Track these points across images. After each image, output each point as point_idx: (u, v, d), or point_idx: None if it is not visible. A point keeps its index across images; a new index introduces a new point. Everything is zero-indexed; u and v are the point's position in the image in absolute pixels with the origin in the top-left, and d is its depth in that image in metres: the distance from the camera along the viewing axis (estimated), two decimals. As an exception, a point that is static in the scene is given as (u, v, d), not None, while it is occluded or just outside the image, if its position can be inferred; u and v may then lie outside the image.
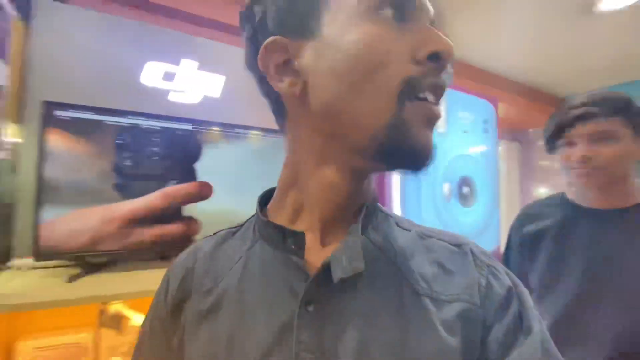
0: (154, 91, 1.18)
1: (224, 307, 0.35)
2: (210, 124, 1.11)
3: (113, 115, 0.95)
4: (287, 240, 0.35)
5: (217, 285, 0.37)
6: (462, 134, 1.25)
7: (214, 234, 0.44)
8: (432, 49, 0.29)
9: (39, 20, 1.03)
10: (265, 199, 0.42)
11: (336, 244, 0.34)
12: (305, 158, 0.36)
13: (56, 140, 0.87)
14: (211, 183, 1.06)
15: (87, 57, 1.08)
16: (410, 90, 0.29)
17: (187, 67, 1.26)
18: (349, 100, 0.30)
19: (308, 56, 0.33)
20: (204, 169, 1.07)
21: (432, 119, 0.31)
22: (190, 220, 1.02)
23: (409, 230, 0.37)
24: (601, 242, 0.73)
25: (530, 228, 0.87)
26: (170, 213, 0.97)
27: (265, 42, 0.34)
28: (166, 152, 1.01)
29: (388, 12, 0.31)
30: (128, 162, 0.95)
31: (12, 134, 0.97)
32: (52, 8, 1.06)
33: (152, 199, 0.93)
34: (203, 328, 0.35)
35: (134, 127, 0.97)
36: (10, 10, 0.94)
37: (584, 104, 0.73)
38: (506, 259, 0.93)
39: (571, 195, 0.85)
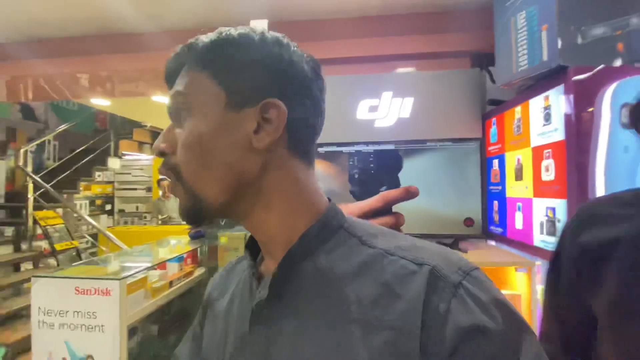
0: (365, 122, 1.63)
1: (218, 317, 0.43)
2: (407, 142, 1.45)
3: (345, 146, 1.44)
4: (252, 265, 0.40)
5: (222, 297, 0.44)
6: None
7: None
8: None
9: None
10: None
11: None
12: None
13: (318, 165, 1.44)
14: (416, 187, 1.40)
15: (330, 111, 1.65)
16: None
17: (386, 97, 1.65)
18: None
19: None
20: (404, 176, 1.42)
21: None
22: (398, 214, 1.40)
23: (373, 248, 0.34)
24: None
25: (596, 235, 0.61)
26: (385, 210, 1.38)
27: None
28: (379, 166, 1.43)
29: None
30: (356, 176, 1.43)
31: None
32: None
33: (374, 201, 1.36)
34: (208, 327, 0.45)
35: (358, 152, 1.44)
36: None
37: None
38: (553, 277, 0.64)
39: None
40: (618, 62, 1.08)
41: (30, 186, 3.41)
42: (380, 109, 1.64)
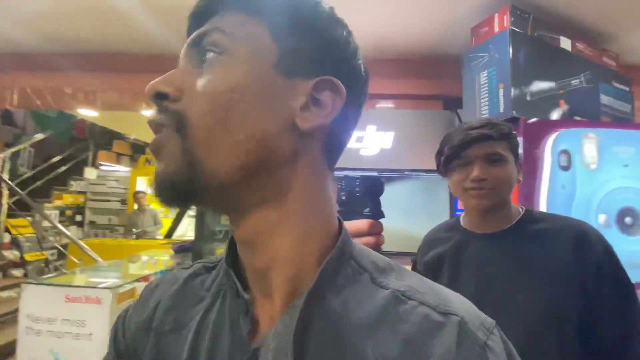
0: (353, 150, 1.83)
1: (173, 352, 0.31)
2: (388, 170, 1.64)
3: (335, 171, 1.61)
4: (239, 298, 0.30)
5: (181, 330, 0.32)
6: (622, 167, 1.30)
7: (190, 266, 0.38)
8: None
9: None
10: None
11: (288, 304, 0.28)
12: None
13: (309, 187, 1.60)
14: (382, 222, 1.58)
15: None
16: None
17: (370, 130, 1.86)
18: None
19: None
20: (385, 200, 1.60)
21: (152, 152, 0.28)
22: (379, 235, 1.57)
23: (386, 289, 0.29)
24: (487, 264, 0.77)
25: (431, 254, 0.88)
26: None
27: None
28: (363, 190, 1.61)
29: None
30: (343, 198, 1.59)
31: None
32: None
33: (362, 224, 1.52)
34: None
35: (346, 176, 1.61)
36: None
37: (481, 126, 0.76)
38: None
39: (462, 218, 0.88)
40: (559, 116, 1.35)
41: (6, 193, 3.31)
42: (365, 139, 1.84)
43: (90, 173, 5.67)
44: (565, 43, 1.39)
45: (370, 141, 1.85)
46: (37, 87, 2.17)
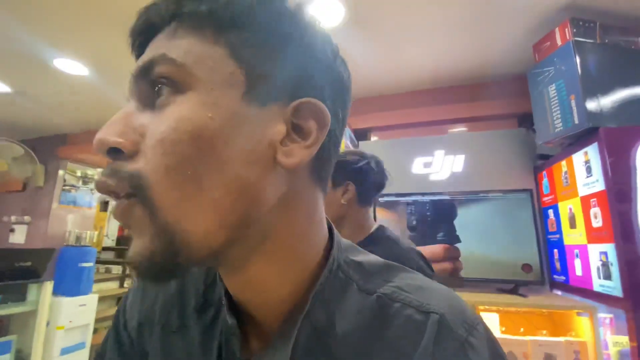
0: (421, 176, 1.88)
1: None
2: (460, 193, 1.64)
3: (403, 197, 1.68)
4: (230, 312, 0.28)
5: (182, 327, 0.31)
6: None
7: None
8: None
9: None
10: None
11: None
12: None
13: (380, 213, 1.69)
14: (459, 247, 1.55)
15: (389, 168, 1.95)
16: None
17: (438, 155, 1.89)
18: None
19: None
20: (462, 225, 1.59)
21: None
22: (457, 261, 1.55)
23: (373, 293, 0.28)
24: None
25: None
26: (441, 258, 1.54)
27: None
28: (434, 214, 1.63)
29: None
30: (414, 223, 1.63)
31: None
32: (366, 145, 2.02)
33: (436, 249, 1.54)
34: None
35: (415, 202, 1.66)
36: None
37: None
38: None
39: None
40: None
41: (138, 232, 4.15)
42: (433, 164, 1.88)
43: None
44: (647, 43, 1.28)
45: (440, 166, 1.87)
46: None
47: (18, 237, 2.99)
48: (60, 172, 3.02)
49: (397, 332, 0.26)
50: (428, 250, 1.54)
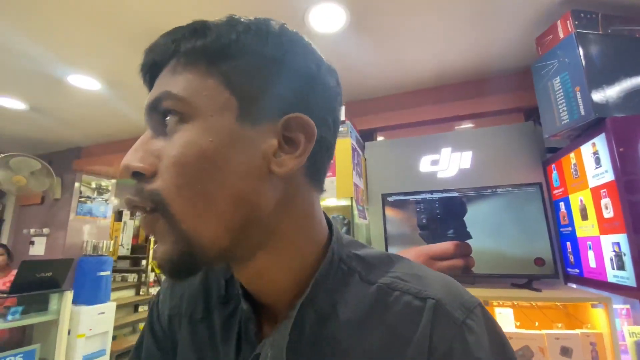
0: (429, 174, 1.88)
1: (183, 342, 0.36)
2: (469, 189, 1.65)
3: (412, 195, 1.69)
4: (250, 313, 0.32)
5: (206, 317, 0.36)
6: None
7: None
8: None
9: (368, 151, 2.02)
10: None
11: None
12: None
13: (389, 212, 1.70)
14: (470, 243, 1.56)
15: (396, 167, 1.96)
16: None
17: (445, 152, 1.89)
18: None
19: None
20: (472, 221, 1.59)
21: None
22: (468, 257, 1.55)
23: (374, 283, 0.31)
24: None
25: None
26: (454, 255, 1.55)
27: None
28: (444, 212, 1.63)
29: None
30: (424, 221, 1.64)
31: (367, 212, 1.93)
32: (373, 145, 2.04)
33: (447, 246, 1.54)
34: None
35: (424, 200, 1.67)
36: (361, 154, 1.95)
37: None
38: None
39: None
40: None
41: (152, 240, 4.23)
42: (440, 162, 1.89)
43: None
44: (652, 30, 1.27)
45: (447, 163, 1.88)
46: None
47: (38, 249, 3.08)
48: (76, 184, 3.11)
49: (396, 317, 0.28)
50: (439, 247, 1.54)
